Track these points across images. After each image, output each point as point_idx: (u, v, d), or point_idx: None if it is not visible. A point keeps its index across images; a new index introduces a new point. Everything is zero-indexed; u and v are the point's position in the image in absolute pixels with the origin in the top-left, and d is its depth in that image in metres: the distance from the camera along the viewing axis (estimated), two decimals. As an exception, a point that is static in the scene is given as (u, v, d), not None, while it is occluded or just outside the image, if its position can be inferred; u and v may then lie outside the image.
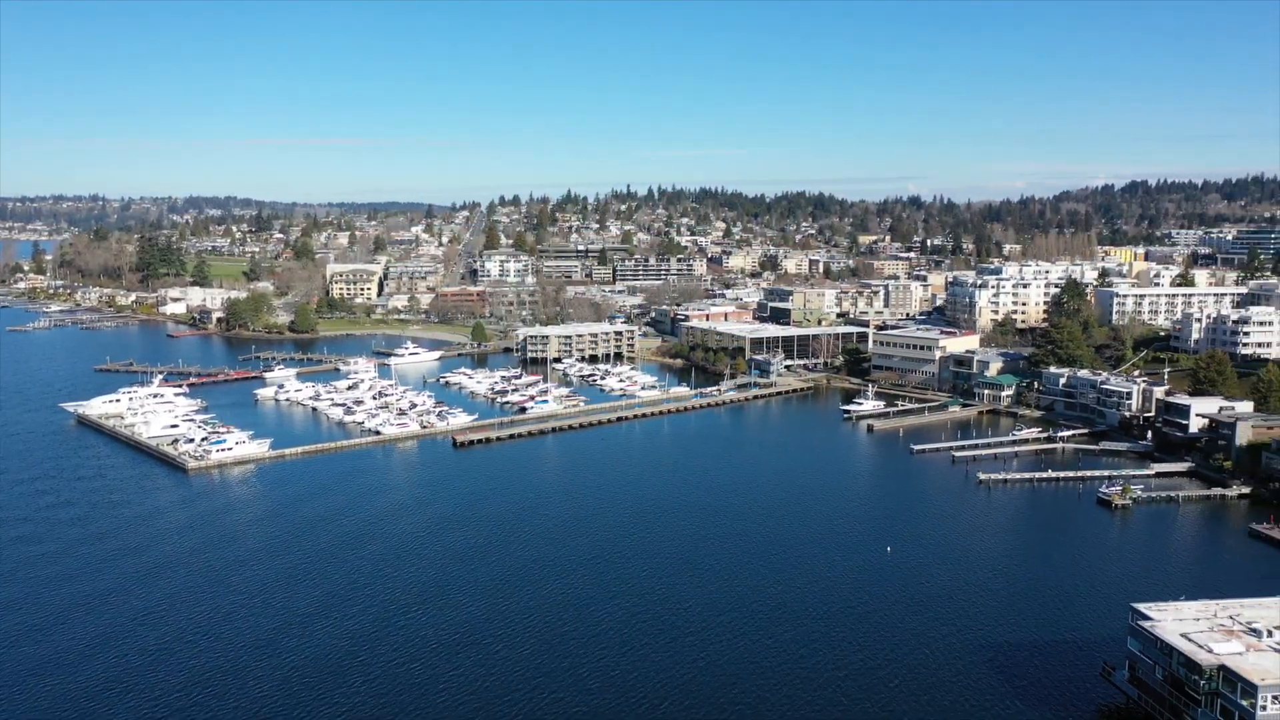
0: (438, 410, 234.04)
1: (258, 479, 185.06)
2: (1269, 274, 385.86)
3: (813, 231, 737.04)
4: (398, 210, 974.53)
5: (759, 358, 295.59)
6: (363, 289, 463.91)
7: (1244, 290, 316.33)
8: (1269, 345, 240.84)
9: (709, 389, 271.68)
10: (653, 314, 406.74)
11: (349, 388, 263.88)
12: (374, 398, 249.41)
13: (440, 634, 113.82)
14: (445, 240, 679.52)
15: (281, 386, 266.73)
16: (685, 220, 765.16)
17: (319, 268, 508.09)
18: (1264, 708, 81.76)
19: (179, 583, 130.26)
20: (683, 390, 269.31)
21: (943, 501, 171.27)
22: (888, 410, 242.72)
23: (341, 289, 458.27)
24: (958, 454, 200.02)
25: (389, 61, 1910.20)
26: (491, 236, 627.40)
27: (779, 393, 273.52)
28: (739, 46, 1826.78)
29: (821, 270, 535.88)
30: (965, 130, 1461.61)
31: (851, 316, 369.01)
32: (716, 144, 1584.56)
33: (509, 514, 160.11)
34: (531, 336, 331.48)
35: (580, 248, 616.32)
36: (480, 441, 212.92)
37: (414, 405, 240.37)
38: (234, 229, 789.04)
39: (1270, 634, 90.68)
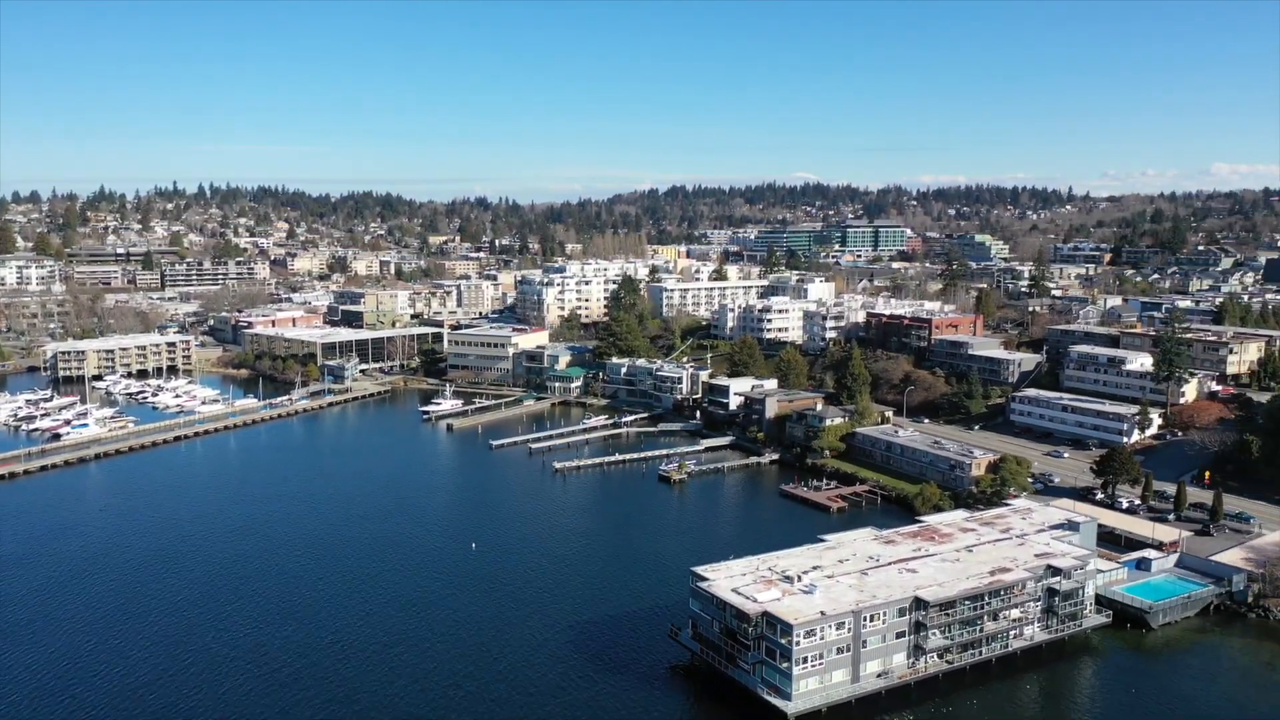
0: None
1: None
2: (784, 268, 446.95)
3: (382, 232, 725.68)
4: None
5: (332, 363, 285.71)
6: None
7: (765, 283, 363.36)
8: (786, 330, 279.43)
9: (279, 399, 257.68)
10: (211, 322, 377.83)
11: None
12: None
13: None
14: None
15: None
16: (243, 220, 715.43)
17: None
18: (798, 642, 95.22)
19: None
20: (250, 402, 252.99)
21: (522, 493, 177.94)
22: (466, 408, 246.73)
23: None
24: (534, 446, 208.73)
25: None
26: (5, 239, 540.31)
27: (356, 398, 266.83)
28: (282, 37, 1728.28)
29: (393, 271, 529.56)
30: (523, 132, 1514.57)
31: (426, 317, 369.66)
32: (272, 139, 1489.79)
33: (33, 560, 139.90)
34: (63, 352, 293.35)
35: (120, 251, 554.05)
36: (2, 478, 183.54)
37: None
38: None
39: (800, 579, 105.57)
